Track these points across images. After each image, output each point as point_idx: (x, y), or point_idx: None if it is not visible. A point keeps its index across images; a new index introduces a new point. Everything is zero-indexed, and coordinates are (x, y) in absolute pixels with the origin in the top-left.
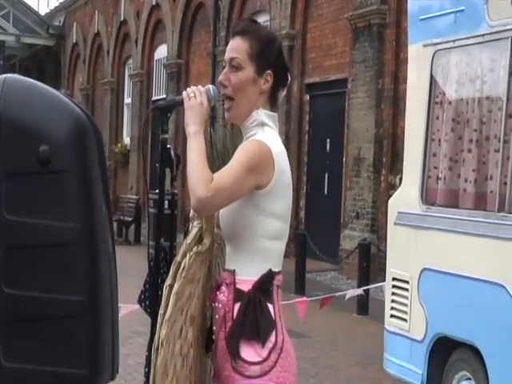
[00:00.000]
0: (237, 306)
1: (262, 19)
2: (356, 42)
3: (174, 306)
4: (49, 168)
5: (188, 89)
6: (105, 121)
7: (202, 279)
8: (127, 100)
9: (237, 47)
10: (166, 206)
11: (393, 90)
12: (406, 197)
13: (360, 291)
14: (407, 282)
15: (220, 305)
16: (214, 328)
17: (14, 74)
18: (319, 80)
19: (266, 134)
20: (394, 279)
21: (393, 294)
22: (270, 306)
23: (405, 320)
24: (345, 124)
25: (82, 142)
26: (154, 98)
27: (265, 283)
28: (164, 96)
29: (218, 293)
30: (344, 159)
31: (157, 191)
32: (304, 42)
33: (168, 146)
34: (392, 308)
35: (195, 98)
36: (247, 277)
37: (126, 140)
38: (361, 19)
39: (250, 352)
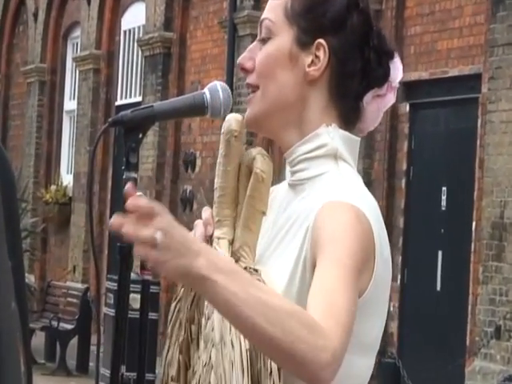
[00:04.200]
0: None
1: None
2: (498, 6)
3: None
4: None
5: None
6: (27, 143)
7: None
8: (70, 105)
9: (271, 5)
10: (134, 306)
11: None
12: None
13: None
14: None
15: None
16: None
17: None
18: (428, 76)
19: (345, 179)
20: None
21: None
22: None
23: None
24: (476, 159)
25: None
26: (118, 103)
27: None
28: (139, 99)
29: None
30: (474, 225)
31: (116, 277)
32: (401, 6)
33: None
34: None
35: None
36: None
37: (67, 179)
38: None
39: None
